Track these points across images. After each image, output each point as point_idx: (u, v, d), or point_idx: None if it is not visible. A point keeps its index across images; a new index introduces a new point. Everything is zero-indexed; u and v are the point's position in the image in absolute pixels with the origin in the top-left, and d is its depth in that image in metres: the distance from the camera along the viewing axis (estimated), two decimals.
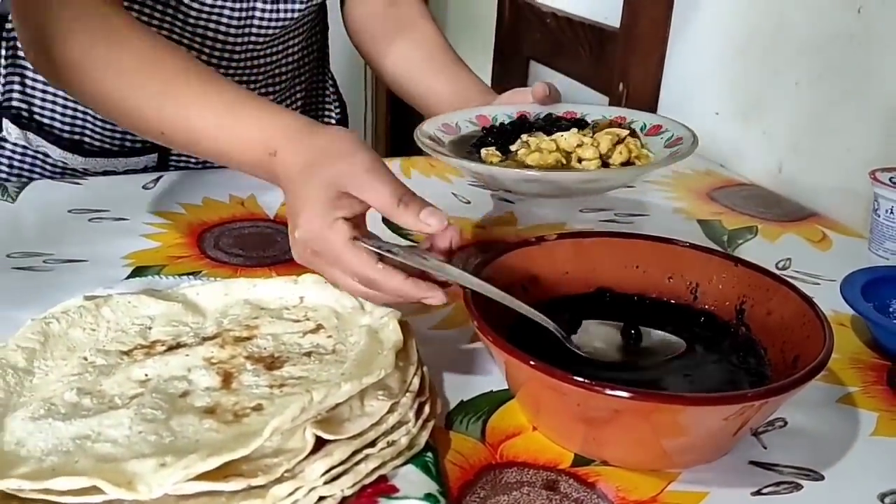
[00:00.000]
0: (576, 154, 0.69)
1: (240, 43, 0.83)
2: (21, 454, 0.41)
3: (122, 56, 0.63)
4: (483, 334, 0.47)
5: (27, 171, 0.88)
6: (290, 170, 0.56)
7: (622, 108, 0.77)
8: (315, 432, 0.41)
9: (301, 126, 0.58)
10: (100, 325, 0.53)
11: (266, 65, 0.88)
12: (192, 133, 0.61)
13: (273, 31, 0.84)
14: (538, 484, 0.45)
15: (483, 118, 0.80)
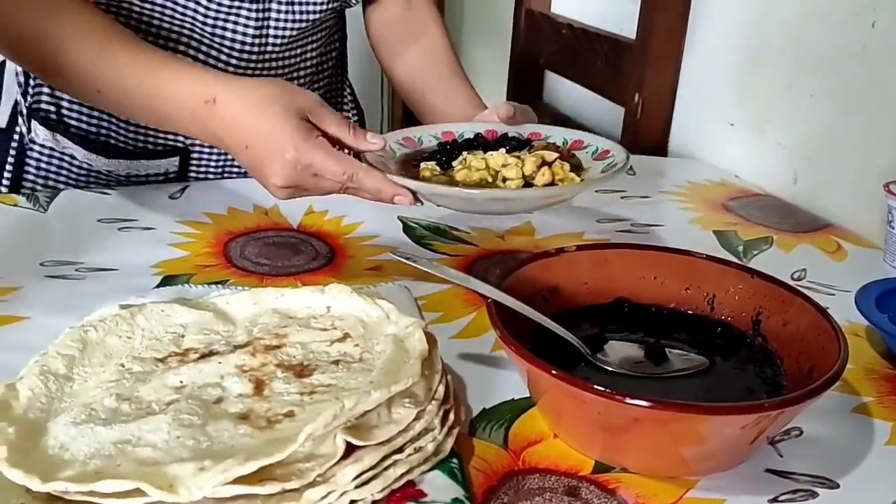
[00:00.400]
0: (500, 174, 0.71)
1: (257, 45, 0.85)
2: (65, 458, 0.43)
3: (64, 24, 0.68)
4: (506, 344, 0.48)
5: (53, 173, 0.90)
6: (238, 111, 0.64)
7: (585, 133, 0.79)
8: (345, 438, 0.43)
9: (233, 76, 0.69)
10: (135, 333, 0.55)
11: (282, 67, 0.90)
12: (126, 90, 0.67)
13: (290, 34, 0.86)
14: (560, 490, 0.47)
15: (448, 134, 0.81)
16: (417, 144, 0.79)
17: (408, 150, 0.78)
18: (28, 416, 0.46)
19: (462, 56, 0.80)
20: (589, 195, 0.93)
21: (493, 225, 0.83)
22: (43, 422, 0.46)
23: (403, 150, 0.78)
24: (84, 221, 0.80)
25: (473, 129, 0.81)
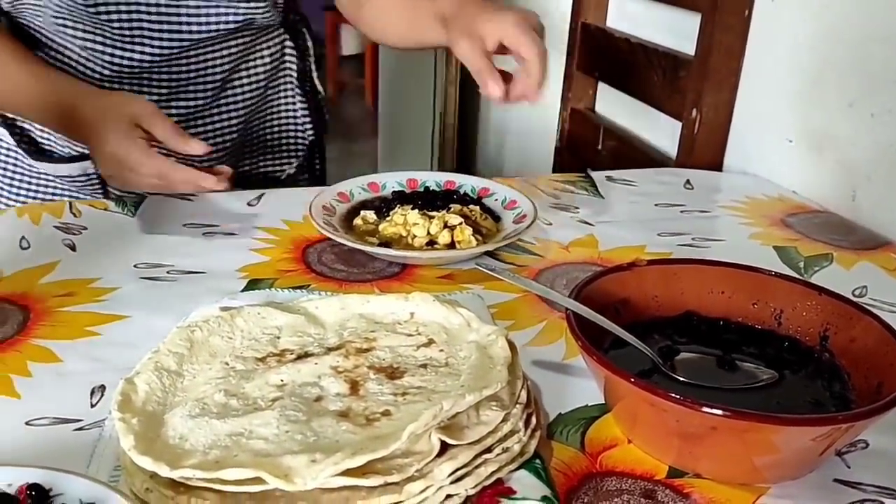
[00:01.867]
0: (411, 231, 0.79)
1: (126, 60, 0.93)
2: (185, 447, 0.47)
3: None
4: (587, 353, 0.51)
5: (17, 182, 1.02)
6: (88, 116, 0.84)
7: (492, 182, 0.91)
8: (441, 437, 0.46)
9: None
10: (235, 333, 0.59)
11: (174, 80, 0.98)
12: None
13: (164, 52, 0.94)
14: (637, 493, 0.50)
15: (374, 185, 0.91)
16: (350, 198, 0.88)
17: (346, 204, 0.87)
18: (147, 408, 0.50)
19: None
20: (647, 208, 0.96)
21: (559, 237, 0.86)
22: (160, 414, 0.50)
23: (365, 195, 0.90)
24: (170, 226, 0.85)
25: (397, 179, 0.92)
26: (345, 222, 0.83)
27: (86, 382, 0.58)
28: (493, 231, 0.82)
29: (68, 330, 0.65)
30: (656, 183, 1.04)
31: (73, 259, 0.77)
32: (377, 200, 0.88)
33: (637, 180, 1.04)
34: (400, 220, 0.80)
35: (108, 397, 0.56)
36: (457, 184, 0.91)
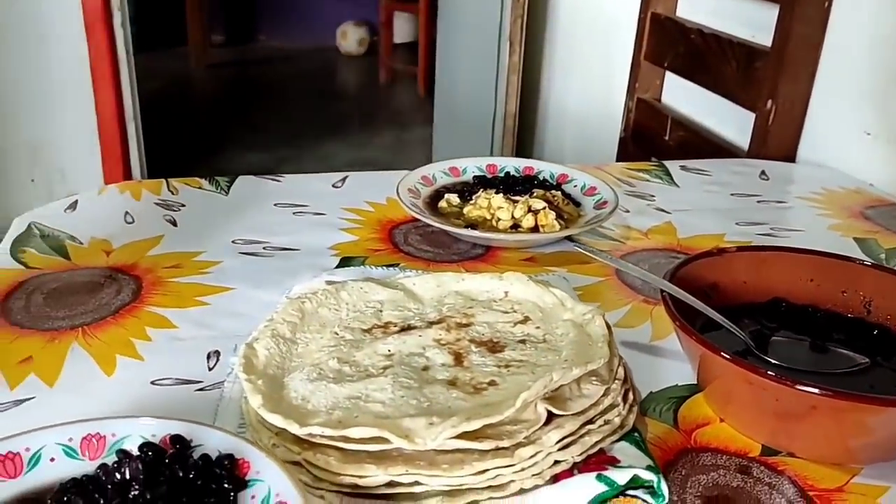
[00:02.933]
0: (495, 215, 0.81)
1: None
2: (308, 408, 0.50)
3: None
4: (684, 332, 0.53)
5: None
6: None
7: (571, 169, 0.93)
8: (547, 407, 0.49)
9: None
10: (341, 306, 0.62)
11: None
12: None
13: None
14: (732, 468, 0.51)
15: (455, 169, 0.93)
16: (433, 181, 0.91)
17: (429, 188, 0.90)
18: (268, 371, 0.54)
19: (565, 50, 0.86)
20: (723, 198, 0.97)
21: (637, 224, 0.88)
22: (280, 377, 0.54)
23: (447, 179, 0.92)
24: (262, 205, 0.89)
25: (477, 164, 0.93)
26: (429, 205, 0.86)
27: (201, 348, 0.62)
28: (574, 216, 0.84)
29: (179, 299, 0.69)
30: (730, 173, 1.05)
31: (176, 234, 0.81)
32: (459, 184, 0.91)
33: (711, 170, 1.05)
34: (484, 203, 0.83)
35: (224, 362, 0.60)
36: (536, 170, 0.93)
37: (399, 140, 3.84)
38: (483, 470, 0.46)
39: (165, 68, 4.24)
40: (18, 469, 0.45)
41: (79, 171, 2.37)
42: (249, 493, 0.44)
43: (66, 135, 2.40)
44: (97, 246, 0.78)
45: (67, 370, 0.58)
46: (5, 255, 0.75)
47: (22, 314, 0.65)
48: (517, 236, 0.79)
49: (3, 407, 0.54)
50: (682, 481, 0.50)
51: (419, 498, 0.46)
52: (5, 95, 2.31)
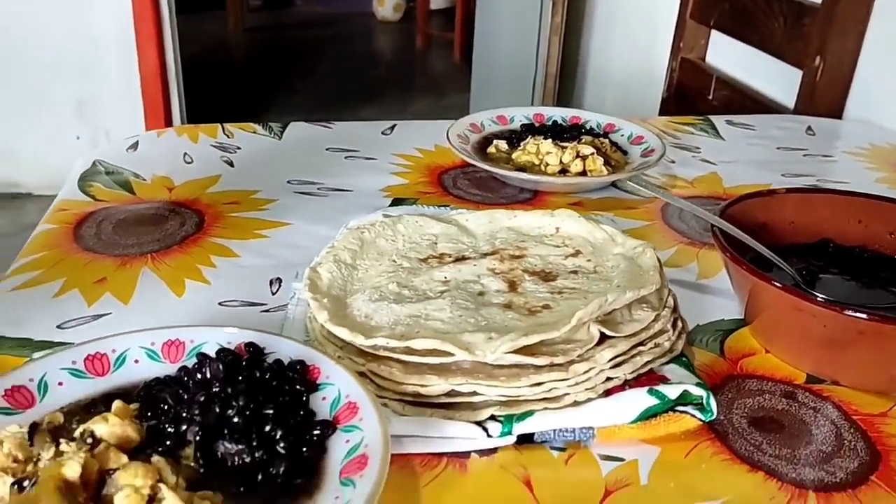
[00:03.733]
0: (544, 160, 0.83)
1: None
2: (372, 324, 0.53)
3: None
4: (735, 263, 0.55)
5: None
6: None
7: (618, 119, 0.94)
8: (600, 329, 0.51)
9: None
10: (397, 237, 0.64)
11: None
12: None
13: None
14: (777, 393, 0.53)
15: (502, 118, 0.96)
16: (481, 128, 0.93)
17: (478, 134, 0.92)
18: (331, 292, 0.56)
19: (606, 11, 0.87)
20: (769, 151, 0.97)
21: (683, 174, 0.89)
22: (343, 298, 0.56)
23: (495, 127, 0.95)
24: (314, 149, 0.91)
25: (524, 113, 0.95)
26: (477, 151, 0.88)
27: (263, 275, 0.65)
28: (621, 163, 0.85)
29: (240, 232, 0.72)
30: (776, 128, 1.05)
31: (233, 174, 0.84)
32: (507, 132, 0.92)
33: (756, 125, 1.05)
34: (533, 148, 0.84)
35: (286, 288, 0.63)
36: (583, 119, 0.94)
37: (435, 107, 3.84)
38: (539, 383, 0.48)
39: (203, 32, 4.28)
40: (106, 368, 0.48)
41: (122, 130, 2.42)
42: (320, 395, 0.47)
43: (110, 93, 2.45)
44: (159, 182, 0.81)
45: (140, 291, 0.62)
46: (74, 188, 0.78)
47: (93, 241, 0.69)
48: (566, 179, 0.81)
49: (83, 321, 0.58)
50: (728, 403, 0.52)
51: (477, 407, 0.49)
52: (51, 54, 2.36)
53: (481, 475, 0.46)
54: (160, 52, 2.43)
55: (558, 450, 0.48)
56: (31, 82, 2.40)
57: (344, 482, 0.41)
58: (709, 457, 0.48)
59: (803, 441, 0.49)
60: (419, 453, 0.47)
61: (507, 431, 0.47)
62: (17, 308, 0.59)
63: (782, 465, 0.47)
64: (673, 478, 0.46)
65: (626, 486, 0.45)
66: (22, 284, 0.62)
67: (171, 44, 2.45)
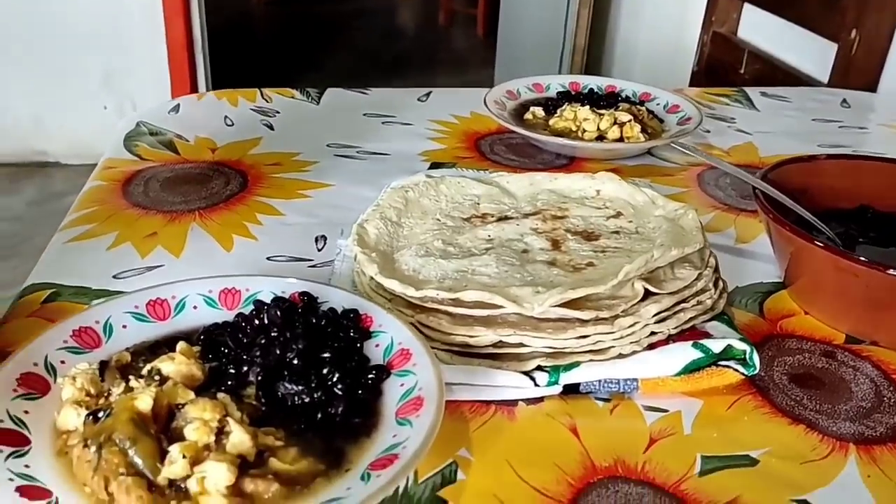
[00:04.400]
0: (581, 126, 0.84)
1: None
2: (420, 278, 0.54)
3: None
4: (778, 224, 0.55)
5: None
6: None
7: (653, 88, 0.95)
8: (644, 285, 0.52)
9: None
10: (440, 197, 0.65)
11: None
12: None
13: None
14: (817, 353, 0.54)
15: (538, 85, 0.96)
16: (517, 96, 0.94)
17: (514, 102, 0.93)
18: (379, 248, 0.58)
19: None
20: (804, 122, 0.97)
21: (718, 143, 0.89)
22: (390, 253, 0.58)
23: (531, 95, 0.95)
24: (351, 114, 0.92)
25: (560, 81, 0.97)
26: (514, 117, 0.88)
27: (308, 232, 0.66)
28: (658, 131, 0.86)
29: (283, 191, 0.73)
30: (811, 101, 1.04)
31: (273, 137, 0.85)
32: (542, 100, 0.93)
33: (791, 97, 1.05)
34: (570, 115, 0.85)
35: (331, 245, 0.64)
36: (618, 88, 0.95)
37: (459, 82, 3.83)
38: (584, 336, 0.50)
39: (226, 4, 4.28)
40: (167, 313, 0.50)
41: (148, 101, 2.44)
42: (373, 342, 0.48)
43: (137, 64, 2.47)
44: (202, 143, 0.82)
45: (190, 245, 0.63)
46: (119, 147, 0.80)
47: (142, 197, 0.70)
48: (603, 145, 0.82)
49: (138, 272, 0.59)
50: (768, 361, 0.53)
51: (523, 359, 0.50)
52: (80, 25, 2.37)
53: (529, 422, 0.47)
54: (187, 24, 2.44)
55: (603, 400, 0.49)
56: (60, 53, 2.42)
57: (400, 422, 0.42)
58: (750, 410, 0.49)
59: (843, 397, 0.50)
60: (468, 400, 0.48)
61: (553, 381, 0.49)
62: (74, 259, 0.61)
63: (823, 420, 0.48)
64: (716, 428, 0.47)
65: (671, 434, 0.47)
66: (77, 237, 0.64)
67: (197, 16, 2.46)
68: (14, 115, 2.50)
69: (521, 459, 0.44)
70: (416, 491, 0.42)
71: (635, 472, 0.44)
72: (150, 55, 2.45)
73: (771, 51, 1.41)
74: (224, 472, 0.37)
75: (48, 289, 0.57)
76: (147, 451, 0.38)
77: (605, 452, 0.45)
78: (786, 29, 1.33)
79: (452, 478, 0.43)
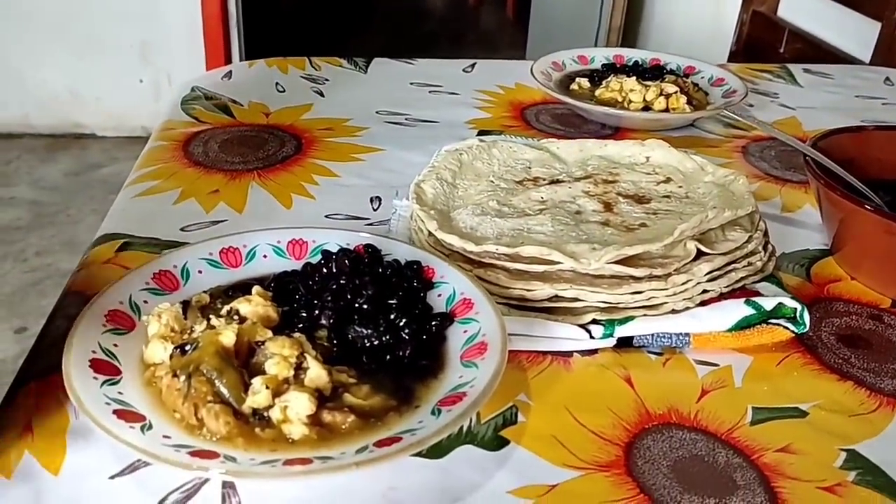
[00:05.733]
0: (627, 97, 0.85)
1: None
2: (478, 235, 0.56)
3: None
4: (830, 190, 0.57)
5: None
6: None
7: (698, 61, 0.95)
8: (697, 245, 0.53)
9: None
10: (493, 161, 0.67)
11: None
12: None
13: None
14: (864, 315, 0.55)
15: (583, 58, 0.97)
16: (562, 67, 0.95)
17: (560, 73, 0.94)
18: (436, 206, 0.60)
19: None
20: (847, 98, 0.97)
21: (762, 117, 0.89)
22: (447, 212, 0.60)
23: (576, 66, 0.96)
24: (399, 83, 0.94)
25: (604, 54, 0.98)
26: (559, 88, 0.90)
27: (363, 193, 0.68)
28: (703, 103, 0.86)
29: (337, 154, 0.75)
30: (854, 78, 1.05)
31: (324, 103, 0.87)
32: (588, 71, 0.94)
33: (834, 74, 1.05)
34: (616, 86, 0.86)
35: (386, 206, 0.66)
36: (663, 61, 0.95)
37: None
38: (639, 291, 0.51)
39: None
40: (239, 260, 0.52)
41: (183, 74, 2.47)
42: (436, 292, 0.50)
43: (173, 37, 2.49)
44: (256, 108, 0.84)
45: (251, 202, 0.66)
46: (177, 109, 0.83)
47: (202, 157, 0.73)
48: (649, 115, 0.83)
49: (203, 225, 0.62)
50: (816, 322, 0.54)
51: (577, 313, 0.52)
52: None
53: (585, 372, 0.49)
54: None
55: (655, 354, 0.51)
56: (97, 26, 2.46)
57: (466, 364, 0.44)
58: (799, 366, 0.50)
59: (890, 357, 0.51)
60: (525, 350, 0.50)
61: (608, 334, 0.50)
62: (142, 212, 0.64)
63: (870, 377, 0.50)
64: (766, 382, 0.49)
65: (722, 387, 0.48)
66: (143, 192, 0.66)
67: None
68: (51, 88, 2.54)
69: (577, 405, 0.46)
70: (480, 430, 0.44)
71: (689, 420, 0.46)
72: (185, 30, 2.48)
73: (812, 30, 1.40)
74: (305, 402, 0.40)
75: (121, 238, 0.59)
76: (232, 382, 0.41)
77: (659, 401, 0.47)
78: (827, 7, 1.33)
79: (514, 419, 0.45)
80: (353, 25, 3.88)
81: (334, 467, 0.37)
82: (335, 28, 3.82)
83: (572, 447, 0.43)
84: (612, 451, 0.43)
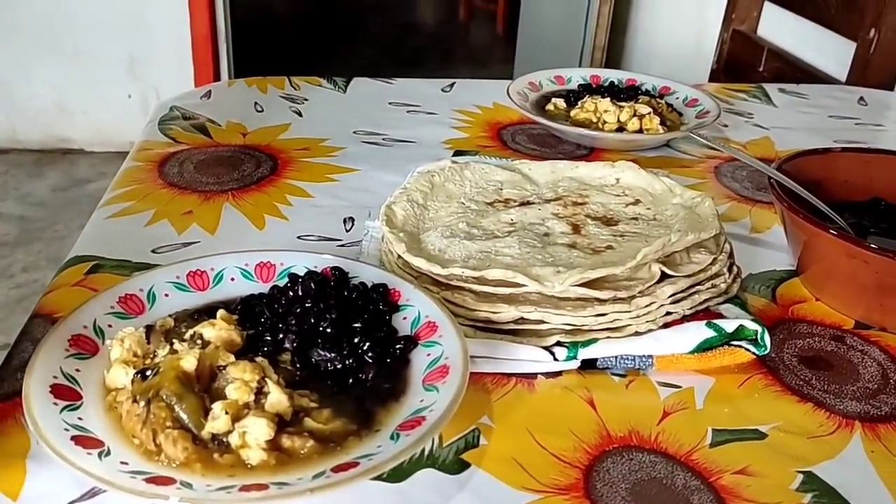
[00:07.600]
0: (601, 118, 0.86)
1: None
2: (446, 258, 0.56)
3: None
4: (792, 213, 0.57)
5: None
6: None
7: (672, 81, 0.96)
8: (661, 268, 0.54)
9: None
10: (464, 182, 0.68)
11: None
12: None
13: None
14: (826, 337, 0.56)
15: (560, 78, 0.98)
16: (539, 87, 0.96)
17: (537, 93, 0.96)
18: (406, 228, 0.60)
19: None
20: (821, 119, 0.99)
21: (735, 137, 0.91)
22: (417, 234, 0.60)
23: (552, 87, 0.97)
24: (378, 103, 0.95)
25: (581, 74, 0.99)
26: (536, 108, 0.91)
27: (337, 214, 0.69)
28: (676, 124, 0.87)
29: (313, 175, 0.76)
30: (828, 98, 1.06)
31: (302, 123, 0.88)
32: (564, 92, 0.95)
33: (809, 93, 1.07)
34: (591, 107, 0.87)
35: (359, 227, 0.67)
36: (638, 81, 0.97)
37: (478, 78, 3.84)
38: (603, 313, 0.52)
39: None
40: (206, 284, 0.52)
41: (172, 90, 2.48)
42: (401, 315, 0.51)
43: (161, 53, 2.50)
44: (234, 128, 0.85)
45: (224, 223, 0.66)
46: (154, 129, 0.83)
47: (177, 178, 0.73)
48: (623, 136, 0.84)
49: (175, 247, 0.62)
50: (779, 343, 0.55)
51: (543, 335, 0.52)
52: (105, 12, 2.41)
53: (548, 394, 0.50)
54: (211, 15, 2.47)
55: (619, 376, 0.51)
56: (85, 41, 2.46)
57: (427, 388, 0.45)
58: (761, 388, 0.51)
59: (850, 379, 0.52)
60: (490, 373, 0.51)
61: (572, 356, 0.51)
62: (114, 234, 0.64)
63: (830, 399, 0.50)
64: (727, 404, 0.49)
65: (684, 409, 0.49)
66: (116, 213, 0.67)
67: (221, 7, 2.49)
68: (39, 103, 2.55)
69: (540, 427, 0.47)
70: (441, 453, 0.45)
71: (649, 442, 0.46)
72: (174, 45, 2.49)
73: (790, 49, 1.42)
74: (264, 427, 0.40)
75: (91, 261, 0.60)
76: (192, 407, 0.41)
77: (621, 423, 0.47)
78: (805, 27, 1.34)
79: (475, 442, 0.45)
80: (343, 40, 3.90)
81: (290, 493, 0.37)
82: (326, 43, 3.83)
83: (532, 470, 0.44)
84: (572, 473, 0.44)
